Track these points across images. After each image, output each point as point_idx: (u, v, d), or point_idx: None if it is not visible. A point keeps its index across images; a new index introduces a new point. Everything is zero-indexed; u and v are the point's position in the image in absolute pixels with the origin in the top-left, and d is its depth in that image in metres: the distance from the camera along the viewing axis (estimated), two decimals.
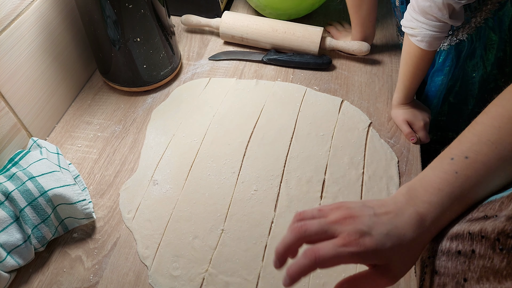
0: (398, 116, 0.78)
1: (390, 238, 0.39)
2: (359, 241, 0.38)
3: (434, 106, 0.87)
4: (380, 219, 0.40)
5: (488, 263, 0.34)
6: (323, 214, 0.41)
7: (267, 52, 0.91)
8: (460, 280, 0.36)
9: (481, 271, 0.34)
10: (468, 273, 0.35)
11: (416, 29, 0.66)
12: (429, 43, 0.66)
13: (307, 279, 0.59)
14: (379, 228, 0.39)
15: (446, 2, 0.61)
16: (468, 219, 0.40)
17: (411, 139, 0.75)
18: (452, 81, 0.82)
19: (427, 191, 0.42)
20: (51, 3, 0.74)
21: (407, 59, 0.71)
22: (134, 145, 0.76)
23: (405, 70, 0.73)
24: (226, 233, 0.64)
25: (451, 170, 0.42)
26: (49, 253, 0.63)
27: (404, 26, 0.68)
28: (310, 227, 0.40)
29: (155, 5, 0.76)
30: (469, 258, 0.36)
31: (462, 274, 0.36)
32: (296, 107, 0.81)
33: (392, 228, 0.40)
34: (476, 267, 0.35)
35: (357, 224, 0.39)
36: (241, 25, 0.91)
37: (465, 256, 0.37)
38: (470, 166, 0.41)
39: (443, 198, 0.41)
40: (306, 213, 0.42)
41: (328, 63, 0.88)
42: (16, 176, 0.59)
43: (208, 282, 0.59)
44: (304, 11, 0.97)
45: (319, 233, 0.39)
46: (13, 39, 0.66)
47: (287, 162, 0.72)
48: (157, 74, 0.84)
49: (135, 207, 0.67)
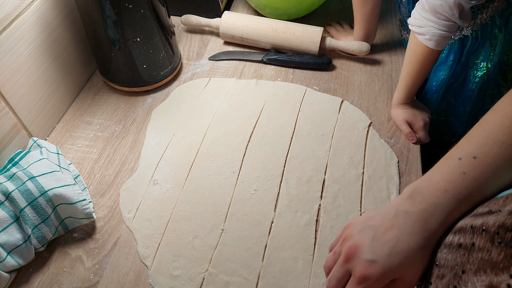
0: (398, 116, 0.77)
1: (396, 255, 0.40)
2: (367, 273, 0.40)
3: (433, 102, 0.86)
4: (381, 239, 0.41)
5: (486, 255, 0.34)
6: (336, 256, 0.45)
7: (267, 52, 0.91)
8: (459, 272, 0.36)
9: (479, 263, 0.34)
10: (466, 265, 0.36)
11: (424, 27, 0.65)
12: (437, 42, 0.66)
13: (307, 279, 0.59)
14: (382, 250, 0.41)
15: (457, 2, 0.60)
16: (473, 214, 0.40)
17: (411, 139, 0.75)
18: (454, 78, 0.82)
19: (432, 194, 0.42)
20: (51, 3, 0.74)
21: (411, 57, 0.71)
22: (134, 145, 0.76)
23: (409, 69, 0.72)
24: (226, 233, 0.64)
25: (458, 171, 0.41)
26: (50, 253, 0.63)
27: (411, 24, 0.68)
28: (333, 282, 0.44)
29: (155, 5, 0.76)
30: (468, 251, 0.36)
31: (460, 266, 0.36)
32: (296, 107, 0.81)
33: (395, 244, 0.41)
34: (474, 260, 0.35)
35: (360, 255, 0.41)
36: (241, 25, 0.91)
37: (465, 249, 0.37)
38: (478, 167, 0.41)
39: (449, 199, 0.41)
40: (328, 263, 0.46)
41: (328, 63, 0.88)
42: (16, 176, 0.59)
43: (208, 282, 0.59)
44: (304, 11, 0.97)
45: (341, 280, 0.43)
46: (13, 39, 0.66)
47: (287, 162, 0.72)
48: (157, 74, 0.84)
49: (135, 207, 0.67)
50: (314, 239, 0.63)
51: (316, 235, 0.64)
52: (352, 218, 0.65)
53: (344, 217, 0.65)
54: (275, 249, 0.62)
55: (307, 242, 0.63)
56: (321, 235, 0.63)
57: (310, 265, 0.60)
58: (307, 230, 0.64)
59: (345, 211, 0.66)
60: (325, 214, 0.66)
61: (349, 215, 0.65)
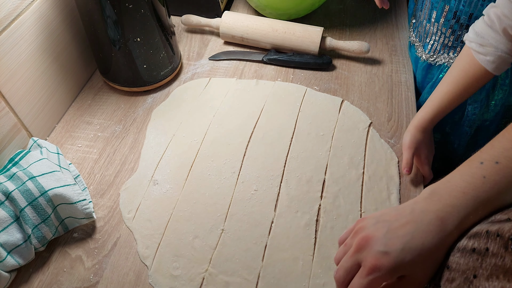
0: (411, 141, 0.68)
1: (409, 250, 0.40)
2: (378, 264, 0.40)
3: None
4: (395, 233, 0.41)
5: (499, 261, 0.34)
6: (347, 248, 0.44)
7: (267, 52, 0.91)
8: (470, 277, 0.36)
9: (492, 269, 0.34)
10: (479, 270, 0.36)
11: (488, 47, 0.58)
12: (499, 67, 0.59)
13: (307, 279, 0.59)
14: (395, 244, 0.40)
15: None
16: (491, 221, 0.40)
17: (405, 171, 0.67)
18: None
19: (450, 194, 0.42)
20: (51, 3, 0.74)
21: (459, 77, 0.63)
22: (134, 145, 0.76)
23: (450, 89, 0.64)
24: (226, 233, 0.64)
25: (479, 174, 0.41)
26: (49, 253, 0.63)
27: (470, 41, 0.60)
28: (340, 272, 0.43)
29: (155, 5, 0.76)
30: (482, 256, 0.36)
31: (472, 270, 0.36)
32: (296, 107, 0.81)
33: (410, 240, 0.40)
34: (488, 265, 0.35)
35: (373, 246, 0.41)
36: (241, 25, 0.91)
37: (479, 254, 0.37)
38: (500, 172, 0.41)
39: (467, 202, 0.41)
40: (338, 255, 0.46)
41: (328, 63, 0.88)
42: (16, 176, 0.59)
43: (208, 282, 0.59)
44: (304, 11, 0.97)
45: (350, 270, 0.42)
46: (13, 39, 0.66)
47: (287, 162, 0.72)
48: (157, 74, 0.84)
49: (135, 207, 0.67)
50: (314, 239, 0.63)
51: (316, 236, 0.64)
52: (352, 219, 0.65)
53: (344, 217, 0.65)
54: (275, 250, 0.62)
55: (307, 243, 0.63)
56: (321, 236, 0.63)
57: (310, 266, 0.60)
58: (307, 231, 0.64)
59: (345, 212, 0.66)
60: (325, 215, 0.65)
61: (349, 216, 0.65)
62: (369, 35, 0.96)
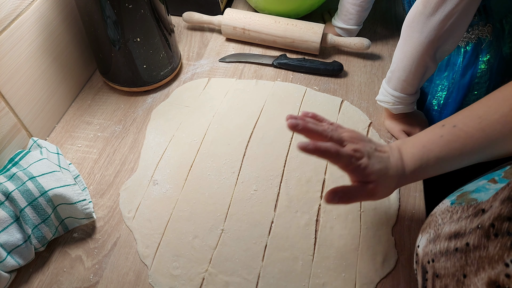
0: (394, 127, 0.75)
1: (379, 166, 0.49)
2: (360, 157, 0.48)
3: None
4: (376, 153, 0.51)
5: (483, 253, 0.34)
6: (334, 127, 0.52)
7: (278, 57, 0.91)
8: (460, 277, 0.36)
9: (478, 263, 0.34)
10: (466, 268, 0.36)
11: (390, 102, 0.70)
12: None
13: (306, 279, 0.59)
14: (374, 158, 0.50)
15: None
16: (465, 217, 0.40)
17: None
18: None
19: (413, 145, 0.51)
20: (51, 3, 0.74)
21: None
22: (134, 145, 0.77)
23: None
24: (226, 233, 0.64)
25: (438, 133, 0.50)
26: (49, 253, 0.63)
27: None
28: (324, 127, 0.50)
29: (155, 5, 0.76)
30: (465, 253, 0.36)
31: (461, 270, 0.36)
32: (296, 107, 0.81)
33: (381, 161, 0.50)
34: (473, 260, 0.35)
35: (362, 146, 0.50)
36: (243, 16, 0.92)
37: (461, 252, 0.37)
38: (455, 134, 0.48)
39: (423, 153, 0.50)
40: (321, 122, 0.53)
41: (339, 69, 0.87)
42: (16, 176, 0.59)
43: (208, 282, 0.59)
44: (304, 12, 0.98)
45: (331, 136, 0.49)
46: (13, 39, 0.66)
47: (287, 162, 0.72)
48: (157, 74, 0.84)
49: (135, 207, 0.67)
50: (314, 239, 0.63)
51: (316, 235, 0.64)
52: (352, 219, 0.65)
53: (343, 217, 0.65)
54: (274, 249, 0.62)
55: (307, 242, 0.63)
56: (321, 236, 0.63)
57: (310, 265, 0.60)
58: (307, 231, 0.64)
59: (344, 212, 0.66)
60: (325, 215, 0.66)
61: (348, 215, 0.65)
62: (368, 35, 0.96)
